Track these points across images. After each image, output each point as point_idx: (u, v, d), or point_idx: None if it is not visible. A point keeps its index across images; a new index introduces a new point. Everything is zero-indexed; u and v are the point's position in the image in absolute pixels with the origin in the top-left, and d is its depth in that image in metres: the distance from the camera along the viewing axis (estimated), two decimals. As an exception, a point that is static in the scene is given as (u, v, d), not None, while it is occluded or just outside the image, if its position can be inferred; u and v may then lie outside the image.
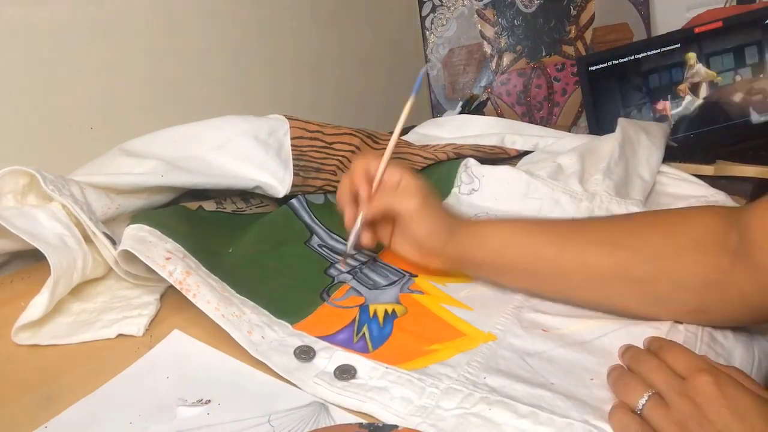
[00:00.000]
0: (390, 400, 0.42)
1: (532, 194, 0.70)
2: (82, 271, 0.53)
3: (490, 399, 0.40)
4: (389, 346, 0.48)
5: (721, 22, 0.94)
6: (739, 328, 0.48)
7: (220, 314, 0.49)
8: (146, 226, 0.55)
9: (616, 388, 0.40)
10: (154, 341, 0.50)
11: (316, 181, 0.70)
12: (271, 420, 0.41)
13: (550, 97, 1.16)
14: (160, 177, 0.61)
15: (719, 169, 0.77)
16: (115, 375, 0.46)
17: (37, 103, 0.72)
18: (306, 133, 0.70)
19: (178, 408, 0.43)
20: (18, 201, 0.57)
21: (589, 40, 1.15)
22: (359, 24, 1.14)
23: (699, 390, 0.35)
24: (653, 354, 0.40)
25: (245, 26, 0.94)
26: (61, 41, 0.73)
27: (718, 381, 0.36)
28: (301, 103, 1.04)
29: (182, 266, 0.52)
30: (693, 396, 0.36)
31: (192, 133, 0.67)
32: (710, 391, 0.35)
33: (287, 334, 0.49)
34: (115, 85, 0.79)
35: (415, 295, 0.54)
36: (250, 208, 0.70)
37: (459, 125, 0.94)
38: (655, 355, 0.40)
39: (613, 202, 0.66)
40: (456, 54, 1.17)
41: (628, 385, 0.39)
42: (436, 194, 0.55)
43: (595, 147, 0.77)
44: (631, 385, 0.39)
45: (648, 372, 0.39)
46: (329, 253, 0.62)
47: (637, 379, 0.39)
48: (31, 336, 0.50)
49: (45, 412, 0.42)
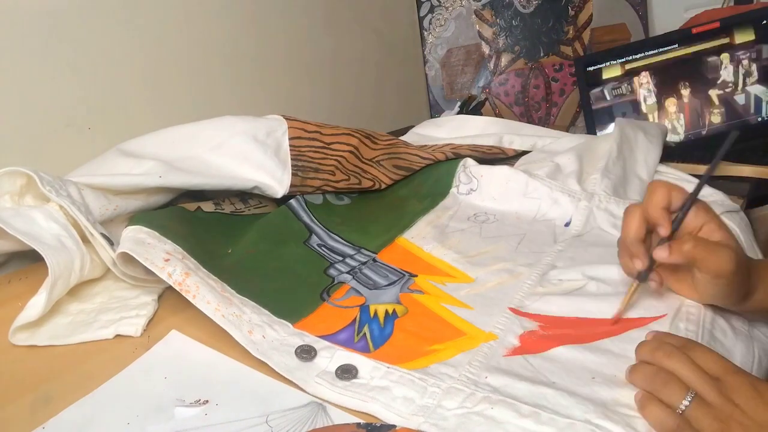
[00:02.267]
0: (392, 400, 0.42)
1: (530, 194, 0.70)
2: (80, 271, 0.53)
3: (492, 398, 0.40)
4: (390, 346, 0.47)
5: (718, 22, 0.94)
6: (738, 326, 0.48)
7: (220, 315, 0.49)
8: (144, 227, 0.55)
9: (654, 384, 0.40)
10: (152, 342, 0.50)
11: (315, 182, 0.70)
12: (268, 420, 0.41)
13: (548, 98, 1.16)
14: (158, 178, 0.61)
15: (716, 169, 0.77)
16: (113, 375, 0.46)
17: (34, 103, 0.71)
18: (304, 134, 0.70)
19: (176, 408, 0.42)
20: (15, 202, 0.57)
21: (587, 41, 1.15)
22: (357, 24, 1.14)
23: (736, 389, 0.37)
24: (682, 351, 0.41)
25: (243, 27, 0.94)
26: (60, 41, 0.72)
27: (752, 381, 0.38)
28: (299, 104, 1.04)
29: (181, 267, 0.51)
30: (731, 395, 0.37)
31: (190, 134, 0.67)
32: (747, 390, 0.37)
33: (288, 333, 0.49)
34: (113, 85, 0.78)
35: (416, 295, 0.54)
36: (248, 209, 0.70)
37: (457, 125, 0.94)
38: (683, 352, 0.40)
39: (611, 202, 0.66)
40: (454, 54, 1.17)
41: (669, 384, 0.39)
42: (742, 249, 0.48)
43: (593, 147, 0.77)
44: (672, 384, 0.39)
45: (682, 370, 0.39)
46: (329, 253, 0.62)
47: (676, 378, 0.39)
48: (28, 337, 0.50)
49: (43, 413, 0.42)
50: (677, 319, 0.48)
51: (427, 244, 0.63)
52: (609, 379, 0.42)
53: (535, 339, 0.47)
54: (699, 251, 0.45)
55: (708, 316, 0.48)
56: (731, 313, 0.49)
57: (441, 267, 0.59)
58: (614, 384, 0.42)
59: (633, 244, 0.48)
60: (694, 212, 0.47)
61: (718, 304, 0.48)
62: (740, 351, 0.46)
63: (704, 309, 0.49)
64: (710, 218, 0.47)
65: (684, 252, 0.45)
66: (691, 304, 0.49)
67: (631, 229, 0.48)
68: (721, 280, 0.45)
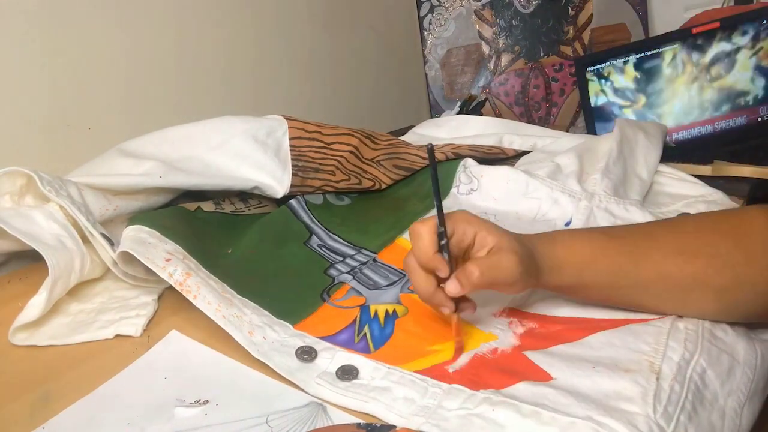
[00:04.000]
0: (393, 401, 0.42)
1: (531, 194, 0.70)
2: (80, 271, 0.53)
3: (493, 399, 0.40)
4: (391, 347, 0.47)
5: (718, 22, 0.94)
6: (737, 324, 0.48)
7: (221, 315, 0.49)
8: (146, 227, 0.55)
9: None
10: (152, 342, 0.50)
11: (315, 182, 0.70)
12: (268, 420, 0.41)
13: (548, 98, 1.16)
14: (159, 178, 0.61)
15: (717, 169, 0.78)
16: (113, 375, 0.46)
17: (34, 103, 0.71)
18: (304, 134, 0.70)
19: (176, 408, 0.42)
20: (15, 202, 0.57)
21: (587, 41, 1.15)
22: (357, 24, 1.14)
23: None
24: None
25: (243, 27, 0.94)
26: (60, 40, 0.72)
27: None
28: (299, 104, 1.04)
29: (182, 267, 0.51)
30: None
31: (190, 134, 0.67)
32: None
33: (288, 334, 0.49)
34: (113, 85, 0.78)
35: (416, 296, 0.54)
36: (248, 209, 0.70)
37: (457, 125, 0.94)
38: None
39: (611, 202, 0.66)
40: (454, 54, 1.17)
41: None
42: (516, 238, 0.47)
43: (593, 147, 0.77)
44: None
45: None
46: (329, 253, 0.62)
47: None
48: (28, 336, 0.50)
49: (43, 413, 0.42)
50: (677, 319, 0.48)
51: (428, 244, 0.63)
52: (610, 368, 0.42)
53: (535, 338, 0.47)
54: (486, 276, 0.44)
55: (708, 315, 0.48)
56: None
57: (441, 267, 0.59)
58: (615, 374, 0.42)
59: (431, 298, 0.46)
60: (462, 229, 0.46)
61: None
62: (742, 348, 0.46)
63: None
64: (476, 226, 0.46)
65: (474, 283, 0.44)
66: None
67: (420, 287, 0.46)
68: (516, 284, 0.45)
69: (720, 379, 0.43)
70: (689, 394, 0.41)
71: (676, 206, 0.68)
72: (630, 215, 0.65)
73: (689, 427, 0.39)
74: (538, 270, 0.46)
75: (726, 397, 0.42)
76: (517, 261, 0.44)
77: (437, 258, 0.45)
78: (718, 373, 0.43)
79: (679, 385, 0.41)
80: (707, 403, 0.41)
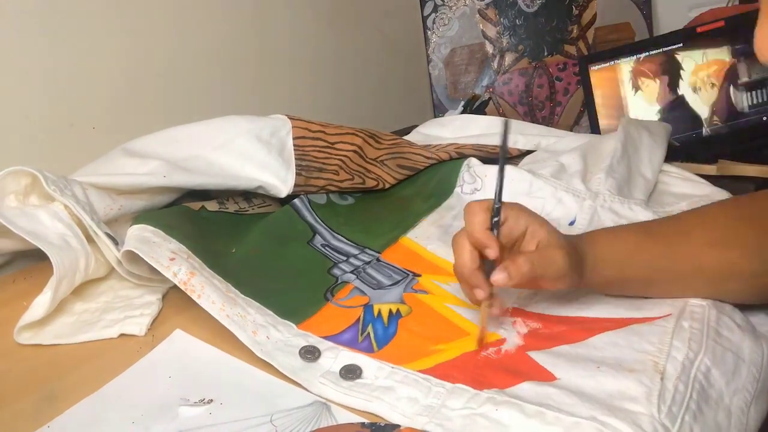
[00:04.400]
0: (396, 400, 0.42)
1: (535, 193, 0.70)
2: (85, 271, 0.53)
3: (497, 399, 0.40)
4: (394, 346, 0.47)
5: (723, 21, 0.93)
6: (743, 323, 0.48)
7: (225, 314, 0.49)
8: (150, 226, 0.55)
9: None
10: (156, 341, 0.50)
11: (319, 181, 0.70)
12: (273, 420, 0.41)
13: (552, 97, 1.15)
14: (163, 177, 0.61)
15: (721, 169, 0.77)
16: (118, 375, 0.46)
17: (39, 103, 0.71)
18: (308, 133, 0.70)
19: (180, 407, 0.42)
20: (20, 201, 0.57)
21: (591, 40, 1.14)
22: (361, 23, 1.14)
23: None
24: None
25: (246, 27, 0.94)
26: (64, 40, 0.72)
27: None
28: (303, 103, 1.04)
29: (186, 267, 0.51)
30: None
31: (194, 133, 0.67)
32: None
33: (292, 334, 0.49)
34: (117, 85, 0.79)
35: (420, 295, 0.54)
36: (252, 208, 0.70)
37: (461, 125, 0.94)
38: None
39: (616, 201, 0.66)
40: (458, 54, 1.17)
41: None
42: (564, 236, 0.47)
43: (597, 146, 0.77)
44: None
45: None
46: (332, 252, 0.62)
47: None
48: (33, 336, 0.50)
49: (47, 412, 0.42)
50: (682, 318, 0.47)
51: (431, 243, 0.63)
52: (614, 368, 0.42)
53: (539, 338, 0.47)
54: (536, 267, 0.44)
55: (713, 314, 0.48)
56: (734, 310, 0.49)
57: (445, 267, 0.59)
58: (619, 374, 0.42)
59: (470, 276, 0.46)
60: (515, 218, 0.47)
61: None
62: (748, 347, 0.46)
63: (709, 307, 0.49)
64: (529, 218, 0.47)
65: (523, 274, 0.44)
66: (695, 303, 0.49)
67: (464, 260, 0.46)
68: (562, 280, 0.46)
69: (725, 377, 0.43)
70: (694, 394, 0.41)
71: (681, 206, 0.68)
72: (634, 215, 0.65)
73: (694, 426, 0.39)
74: (582, 268, 0.47)
75: (732, 396, 0.42)
76: (566, 257, 0.45)
77: (489, 235, 0.45)
78: (723, 372, 0.43)
79: (683, 385, 0.41)
80: (713, 403, 0.41)
